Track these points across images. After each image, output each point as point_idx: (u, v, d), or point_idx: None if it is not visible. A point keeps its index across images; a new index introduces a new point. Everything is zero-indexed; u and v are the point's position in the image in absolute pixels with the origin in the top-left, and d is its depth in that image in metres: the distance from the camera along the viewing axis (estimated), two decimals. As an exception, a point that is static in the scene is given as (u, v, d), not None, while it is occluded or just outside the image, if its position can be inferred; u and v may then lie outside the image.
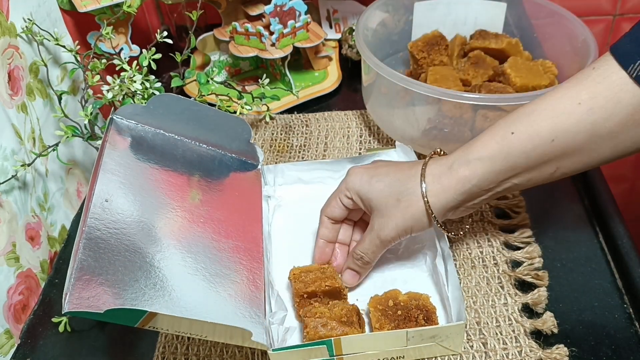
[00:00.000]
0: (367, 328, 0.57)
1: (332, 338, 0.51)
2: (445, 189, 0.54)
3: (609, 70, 0.48)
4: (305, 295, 0.58)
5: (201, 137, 0.67)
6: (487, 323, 0.59)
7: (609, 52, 0.49)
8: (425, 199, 0.54)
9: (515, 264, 0.64)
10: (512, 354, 0.56)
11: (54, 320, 0.62)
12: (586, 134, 0.49)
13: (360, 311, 0.57)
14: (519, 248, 0.66)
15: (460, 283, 0.58)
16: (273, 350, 0.52)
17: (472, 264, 0.64)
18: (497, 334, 0.58)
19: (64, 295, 0.45)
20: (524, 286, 0.62)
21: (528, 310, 0.60)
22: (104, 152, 0.58)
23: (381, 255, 0.60)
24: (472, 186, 0.53)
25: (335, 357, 0.53)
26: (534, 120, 0.51)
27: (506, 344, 0.57)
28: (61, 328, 0.62)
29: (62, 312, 0.45)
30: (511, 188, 0.55)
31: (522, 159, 0.52)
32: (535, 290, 0.60)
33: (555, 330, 0.57)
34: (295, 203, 0.71)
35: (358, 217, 0.63)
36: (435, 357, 0.56)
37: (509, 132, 0.52)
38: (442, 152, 0.58)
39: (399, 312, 0.55)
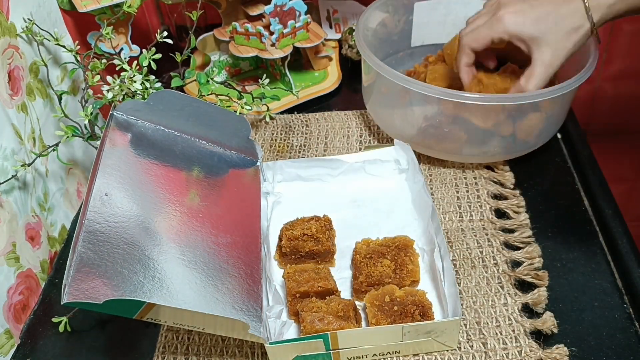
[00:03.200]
0: (363, 324, 0.58)
1: (329, 332, 0.52)
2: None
3: None
4: (297, 295, 0.58)
5: (201, 133, 0.67)
6: (487, 323, 0.59)
7: None
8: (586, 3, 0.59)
9: (515, 264, 0.64)
10: (512, 354, 0.56)
11: (54, 320, 0.62)
12: None
13: (357, 306, 0.58)
14: (519, 248, 0.66)
15: (456, 279, 0.58)
16: (270, 343, 0.52)
17: (472, 264, 0.64)
18: (497, 334, 0.58)
19: (63, 287, 0.46)
20: (524, 286, 0.62)
21: (528, 310, 0.60)
22: (104, 148, 0.58)
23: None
24: None
25: (331, 351, 0.53)
26: None
27: (506, 343, 0.57)
28: (61, 328, 0.62)
29: (62, 303, 0.45)
30: None
31: None
32: (535, 290, 0.60)
33: (555, 330, 0.57)
34: (293, 200, 0.71)
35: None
36: (433, 354, 0.56)
37: None
38: None
39: (395, 308, 0.55)
